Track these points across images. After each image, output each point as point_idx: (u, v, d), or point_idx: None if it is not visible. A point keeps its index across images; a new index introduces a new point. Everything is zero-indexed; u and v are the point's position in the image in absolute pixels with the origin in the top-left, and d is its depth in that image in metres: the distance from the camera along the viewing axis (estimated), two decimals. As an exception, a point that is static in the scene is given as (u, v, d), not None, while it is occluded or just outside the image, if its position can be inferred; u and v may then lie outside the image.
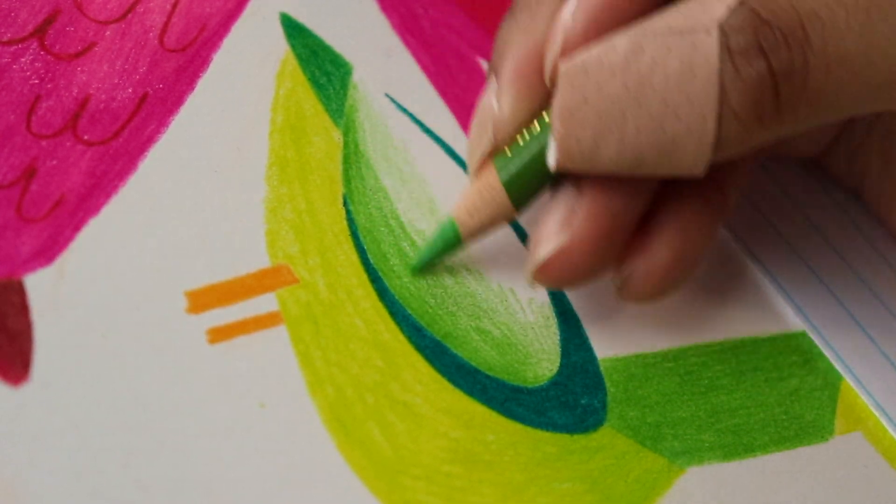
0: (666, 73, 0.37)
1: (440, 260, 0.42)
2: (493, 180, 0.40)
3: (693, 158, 0.37)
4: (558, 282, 0.40)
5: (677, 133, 0.37)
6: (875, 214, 0.46)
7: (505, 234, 0.43)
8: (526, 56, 0.40)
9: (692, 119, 0.37)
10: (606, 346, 0.42)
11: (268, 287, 0.40)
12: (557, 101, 0.37)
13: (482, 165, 0.40)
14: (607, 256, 0.40)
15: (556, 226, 0.39)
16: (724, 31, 0.36)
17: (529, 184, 0.40)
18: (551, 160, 0.38)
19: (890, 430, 0.43)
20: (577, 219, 0.39)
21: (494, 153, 0.40)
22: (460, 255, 0.42)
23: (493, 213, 0.40)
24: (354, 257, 0.41)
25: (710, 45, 0.36)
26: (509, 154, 0.40)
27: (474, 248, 0.42)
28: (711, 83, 0.36)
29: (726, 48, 0.36)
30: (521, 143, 0.40)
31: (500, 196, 0.40)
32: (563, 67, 0.37)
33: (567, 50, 0.38)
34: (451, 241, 0.41)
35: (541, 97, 0.40)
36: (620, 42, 0.37)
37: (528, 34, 0.40)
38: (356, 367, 0.40)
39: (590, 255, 0.39)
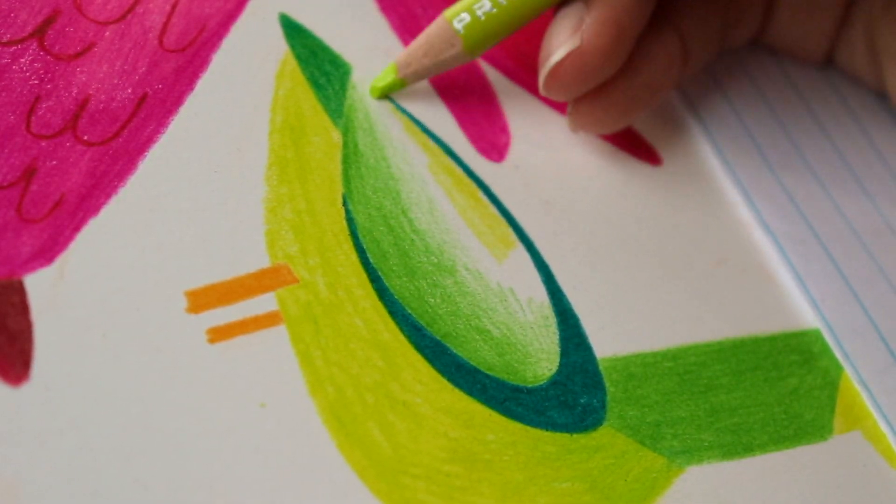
0: None
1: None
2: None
3: None
4: (570, 85, 0.43)
5: None
6: None
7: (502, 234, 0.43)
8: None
9: None
10: (605, 345, 0.42)
11: (267, 287, 0.40)
12: None
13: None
14: (615, 60, 0.43)
15: (567, 33, 0.42)
16: None
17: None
18: None
19: (885, 429, 0.43)
20: (586, 24, 0.42)
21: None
22: (458, 250, 0.42)
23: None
24: (354, 257, 0.41)
25: None
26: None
27: (473, 246, 0.42)
28: None
29: None
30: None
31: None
32: None
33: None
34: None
35: None
36: None
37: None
38: (356, 366, 0.40)
39: (600, 56, 0.42)
